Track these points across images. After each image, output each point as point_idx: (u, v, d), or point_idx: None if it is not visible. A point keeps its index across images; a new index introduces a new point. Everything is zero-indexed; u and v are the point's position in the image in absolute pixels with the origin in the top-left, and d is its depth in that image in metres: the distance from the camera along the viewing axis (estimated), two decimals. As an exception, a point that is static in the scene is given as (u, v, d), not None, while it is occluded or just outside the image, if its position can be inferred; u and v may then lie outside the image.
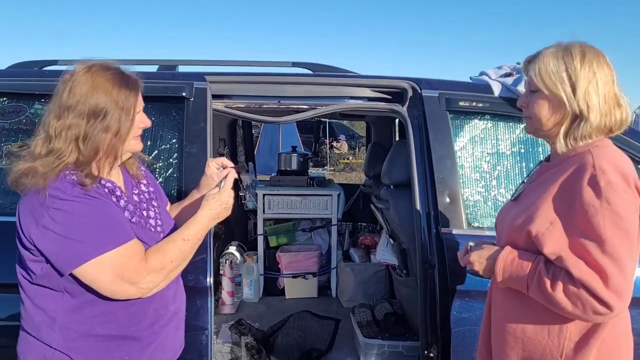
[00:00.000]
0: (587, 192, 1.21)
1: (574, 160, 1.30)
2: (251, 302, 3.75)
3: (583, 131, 1.30)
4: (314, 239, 4.23)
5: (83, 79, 1.32)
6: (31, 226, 1.25)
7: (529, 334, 1.35)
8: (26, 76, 2.36)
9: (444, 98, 2.31)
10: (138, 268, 1.31)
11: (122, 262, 1.28)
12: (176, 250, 1.38)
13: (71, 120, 1.30)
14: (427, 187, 2.22)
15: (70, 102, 1.30)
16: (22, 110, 2.28)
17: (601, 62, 1.31)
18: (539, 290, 1.26)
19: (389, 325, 2.89)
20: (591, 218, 1.20)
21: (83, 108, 1.30)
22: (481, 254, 1.43)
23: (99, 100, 1.31)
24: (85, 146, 1.30)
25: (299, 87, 2.41)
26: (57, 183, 1.26)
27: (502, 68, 2.52)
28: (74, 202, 1.25)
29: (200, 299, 2.06)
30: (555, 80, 1.30)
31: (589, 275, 1.18)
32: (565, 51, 1.32)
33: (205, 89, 2.26)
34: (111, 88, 1.32)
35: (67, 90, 1.31)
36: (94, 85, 1.31)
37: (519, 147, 2.34)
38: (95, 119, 1.31)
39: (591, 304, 1.18)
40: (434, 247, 2.15)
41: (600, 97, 1.29)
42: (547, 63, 1.32)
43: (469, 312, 2.09)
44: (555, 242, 1.25)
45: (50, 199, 1.24)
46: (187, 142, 2.19)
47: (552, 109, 1.33)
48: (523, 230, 1.33)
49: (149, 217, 1.48)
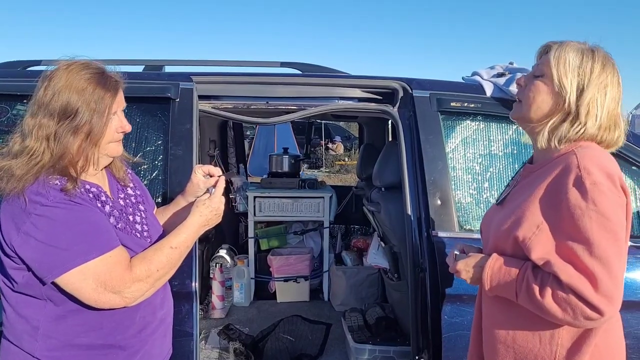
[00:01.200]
0: (572, 193, 1.18)
1: (558, 161, 1.26)
2: (242, 306, 3.71)
3: (572, 133, 1.27)
4: (305, 242, 4.20)
5: (59, 76, 1.28)
6: (12, 233, 1.20)
7: (520, 342, 1.31)
8: (8, 77, 2.31)
9: (435, 98, 2.28)
10: (122, 277, 1.25)
11: (106, 270, 1.23)
12: (163, 258, 1.33)
13: (42, 118, 1.26)
14: (418, 189, 2.19)
15: (44, 99, 1.26)
16: (4, 112, 2.23)
17: (615, 78, 1.28)
18: (528, 298, 1.22)
19: (381, 329, 2.85)
20: (578, 220, 1.17)
21: (55, 106, 1.26)
22: (468, 262, 1.39)
23: (70, 99, 1.26)
24: (55, 147, 1.26)
25: (287, 87, 2.37)
26: (39, 188, 1.22)
27: (494, 68, 2.49)
28: (56, 208, 1.21)
29: (185, 303, 2.02)
30: (569, 71, 1.26)
31: (577, 279, 1.15)
32: (590, 52, 1.28)
33: (191, 90, 2.22)
34: (85, 87, 1.28)
35: (43, 88, 1.28)
36: (68, 84, 1.27)
37: (512, 148, 2.31)
38: (65, 119, 1.26)
39: (581, 309, 1.15)
40: (425, 250, 2.12)
41: (604, 110, 1.26)
42: (568, 52, 1.27)
43: (460, 316, 2.06)
44: (543, 246, 1.22)
45: (31, 205, 1.20)
46: (173, 144, 2.14)
47: (549, 97, 1.29)
48: (510, 235, 1.29)
49: (135, 222, 1.43)
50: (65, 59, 1.34)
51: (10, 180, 1.21)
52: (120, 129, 1.39)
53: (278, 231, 4.14)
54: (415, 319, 2.17)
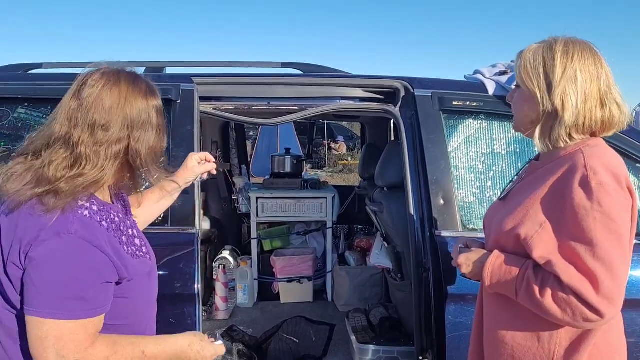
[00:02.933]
0: (577, 193, 1.16)
1: (565, 160, 1.24)
2: (245, 307, 3.70)
3: (558, 131, 1.24)
4: (309, 243, 4.19)
5: (113, 89, 1.20)
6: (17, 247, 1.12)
7: (518, 340, 1.31)
8: (9, 80, 2.31)
9: (437, 97, 2.27)
10: (79, 347, 1.11)
11: (73, 334, 1.11)
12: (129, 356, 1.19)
13: (110, 135, 1.18)
14: (421, 188, 2.18)
15: (102, 115, 1.17)
16: (5, 115, 2.23)
17: (586, 57, 1.24)
18: (528, 297, 1.21)
19: (385, 330, 2.84)
20: (582, 220, 1.15)
21: (125, 121, 1.19)
22: (469, 257, 1.38)
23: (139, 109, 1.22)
24: (134, 164, 1.22)
25: (289, 88, 2.37)
26: (69, 214, 1.13)
27: (496, 66, 2.48)
28: (73, 244, 1.11)
29: (188, 306, 2.01)
30: (532, 75, 1.26)
31: (578, 280, 1.13)
32: (548, 46, 1.27)
33: (192, 91, 2.21)
34: (146, 98, 1.24)
35: (97, 103, 1.17)
36: (128, 97, 1.21)
37: (515, 147, 2.29)
38: (139, 132, 1.22)
39: (581, 310, 1.13)
40: (428, 250, 2.11)
41: (578, 96, 1.22)
42: (527, 58, 1.28)
43: (464, 316, 2.04)
44: (545, 245, 1.20)
45: (53, 228, 1.10)
46: (174, 146, 2.14)
47: (528, 106, 1.29)
48: (511, 233, 1.28)
49: (134, 236, 1.34)
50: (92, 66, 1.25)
51: (59, 196, 1.13)
52: None
53: (281, 232, 4.13)
54: (419, 319, 2.16)
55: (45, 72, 2.42)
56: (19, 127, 2.19)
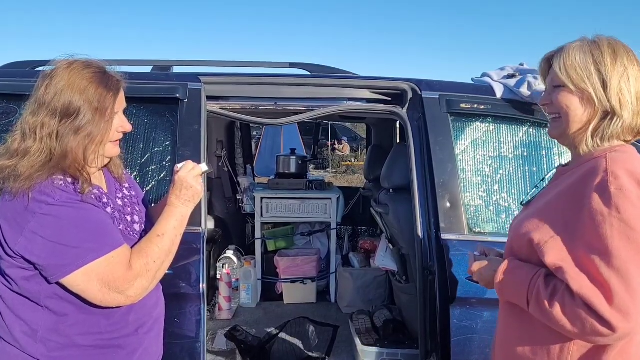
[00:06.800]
0: (594, 198, 1.10)
1: (588, 165, 1.19)
2: (249, 307, 3.69)
3: (614, 130, 1.19)
4: (312, 243, 4.18)
5: (61, 75, 1.27)
6: (14, 232, 1.20)
7: (528, 353, 1.25)
8: (17, 77, 2.31)
9: (445, 100, 2.26)
10: (125, 276, 1.26)
11: (110, 271, 1.24)
12: (155, 248, 1.33)
13: (43, 117, 1.25)
14: (427, 191, 2.17)
15: (45, 98, 1.26)
16: (12, 112, 2.23)
17: (631, 58, 1.20)
18: (538, 307, 1.15)
19: (388, 332, 2.83)
20: (598, 227, 1.08)
21: (56, 105, 1.25)
22: (482, 265, 1.35)
23: (72, 99, 1.26)
24: (57, 146, 1.25)
25: (296, 88, 2.36)
26: (43, 187, 1.22)
27: (504, 69, 2.47)
28: (62, 207, 1.21)
29: (193, 305, 2.01)
30: (582, 74, 1.19)
31: (590, 290, 1.06)
32: (593, 45, 1.22)
33: (199, 90, 2.21)
34: (87, 87, 1.28)
35: (44, 87, 1.27)
36: (70, 83, 1.26)
37: (522, 150, 2.28)
38: (67, 118, 1.26)
39: (591, 323, 1.06)
40: (434, 253, 2.10)
41: (632, 95, 1.18)
42: (572, 56, 1.21)
43: (469, 320, 2.04)
44: (558, 252, 1.14)
45: (36, 204, 1.19)
46: (181, 145, 2.14)
47: (581, 105, 1.21)
48: (525, 237, 1.22)
49: (133, 222, 1.44)
50: (65, 58, 1.33)
51: (17, 179, 1.21)
52: (121, 128, 1.39)
53: (285, 232, 4.12)
54: (424, 322, 2.15)
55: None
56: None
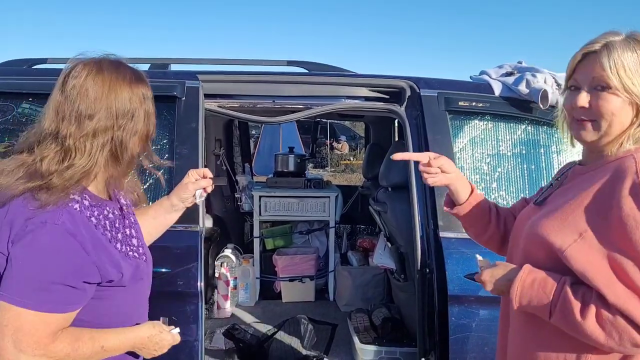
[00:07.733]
0: (627, 202, 1.03)
1: (613, 165, 1.12)
2: (247, 306, 3.69)
3: None
4: (311, 242, 4.17)
5: (96, 78, 1.18)
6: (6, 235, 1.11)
7: None
8: (14, 75, 2.31)
9: (443, 98, 2.26)
10: (38, 342, 1.09)
11: (33, 329, 1.08)
12: (87, 351, 1.17)
13: (95, 125, 1.16)
14: (425, 189, 2.17)
15: (88, 105, 1.16)
16: (9, 110, 2.22)
17: None
18: (563, 318, 1.08)
19: (387, 330, 2.83)
20: (630, 233, 1.02)
21: (110, 110, 1.18)
22: (494, 273, 1.22)
23: (124, 97, 1.20)
24: (121, 155, 1.20)
25: (294, 86, 2.36)
26: (60, 207, 1.12)
27: (503, 67, 2.47)
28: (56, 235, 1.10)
29: (191, 304, 2.01)
30: (633, 76, 1.10)
31: (627, 299, 1.00)
32: (637, 43, 1.13)
33: (197, 88, 2.21)
34: (130, 85, 1.22)
35: (82, 94, 1.16)
36: (111, 85, 1.19)
37: (520, 148, 2.29)
38: (124, 121, 1.20)
39: (630, 334, 1.00)
40: (432, 251, 2.10)
41: None
42: (625, 55, 1.11)
43: (467, 318, 2.04)
44: (585, 258, 1.07)
45: (41, 218, 1.10)
46: (178, 143, 2.13)
47: (627, 107, 1.12)
48: (545, 240, 1.14)
49: (131, 236, 1.33)
50: (75, 57, 1.23)
51: (51, 191, 1.12)
52: None
53: (283, 231, 4.11)
54: (422, 320, 2.15)
55: (49, 67, 2.42)
56: (23, 122, 2.18)
